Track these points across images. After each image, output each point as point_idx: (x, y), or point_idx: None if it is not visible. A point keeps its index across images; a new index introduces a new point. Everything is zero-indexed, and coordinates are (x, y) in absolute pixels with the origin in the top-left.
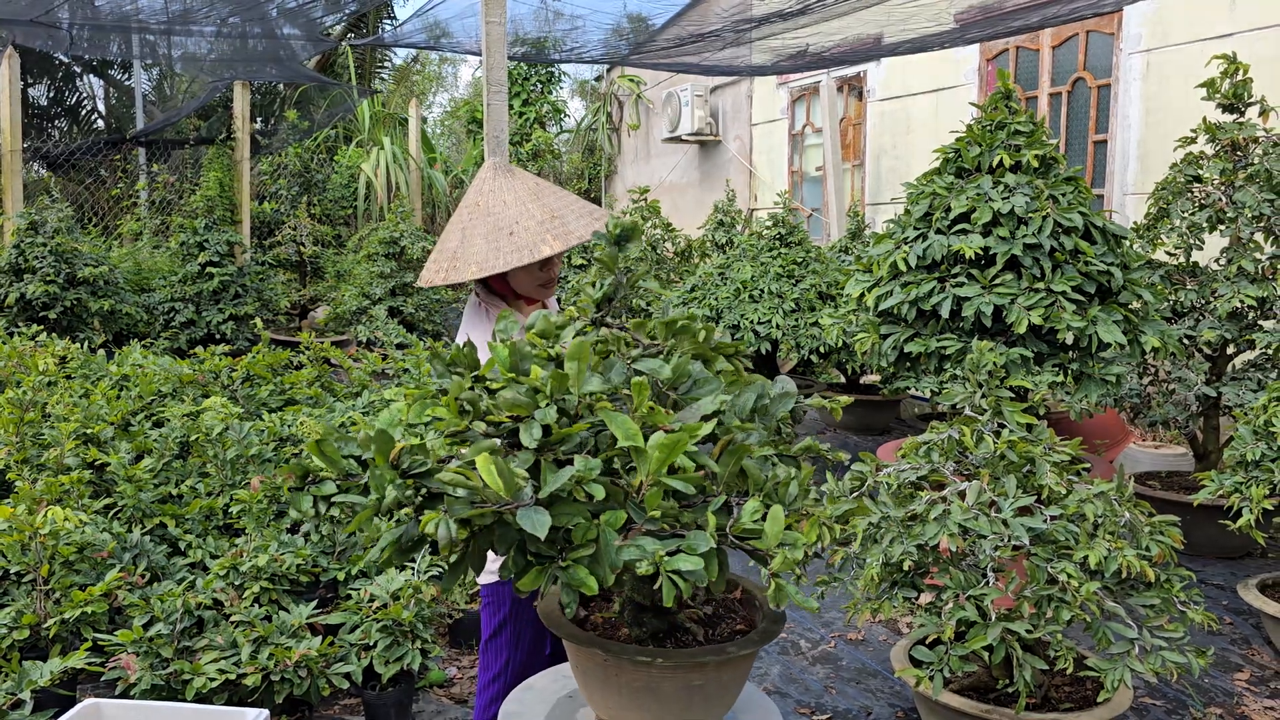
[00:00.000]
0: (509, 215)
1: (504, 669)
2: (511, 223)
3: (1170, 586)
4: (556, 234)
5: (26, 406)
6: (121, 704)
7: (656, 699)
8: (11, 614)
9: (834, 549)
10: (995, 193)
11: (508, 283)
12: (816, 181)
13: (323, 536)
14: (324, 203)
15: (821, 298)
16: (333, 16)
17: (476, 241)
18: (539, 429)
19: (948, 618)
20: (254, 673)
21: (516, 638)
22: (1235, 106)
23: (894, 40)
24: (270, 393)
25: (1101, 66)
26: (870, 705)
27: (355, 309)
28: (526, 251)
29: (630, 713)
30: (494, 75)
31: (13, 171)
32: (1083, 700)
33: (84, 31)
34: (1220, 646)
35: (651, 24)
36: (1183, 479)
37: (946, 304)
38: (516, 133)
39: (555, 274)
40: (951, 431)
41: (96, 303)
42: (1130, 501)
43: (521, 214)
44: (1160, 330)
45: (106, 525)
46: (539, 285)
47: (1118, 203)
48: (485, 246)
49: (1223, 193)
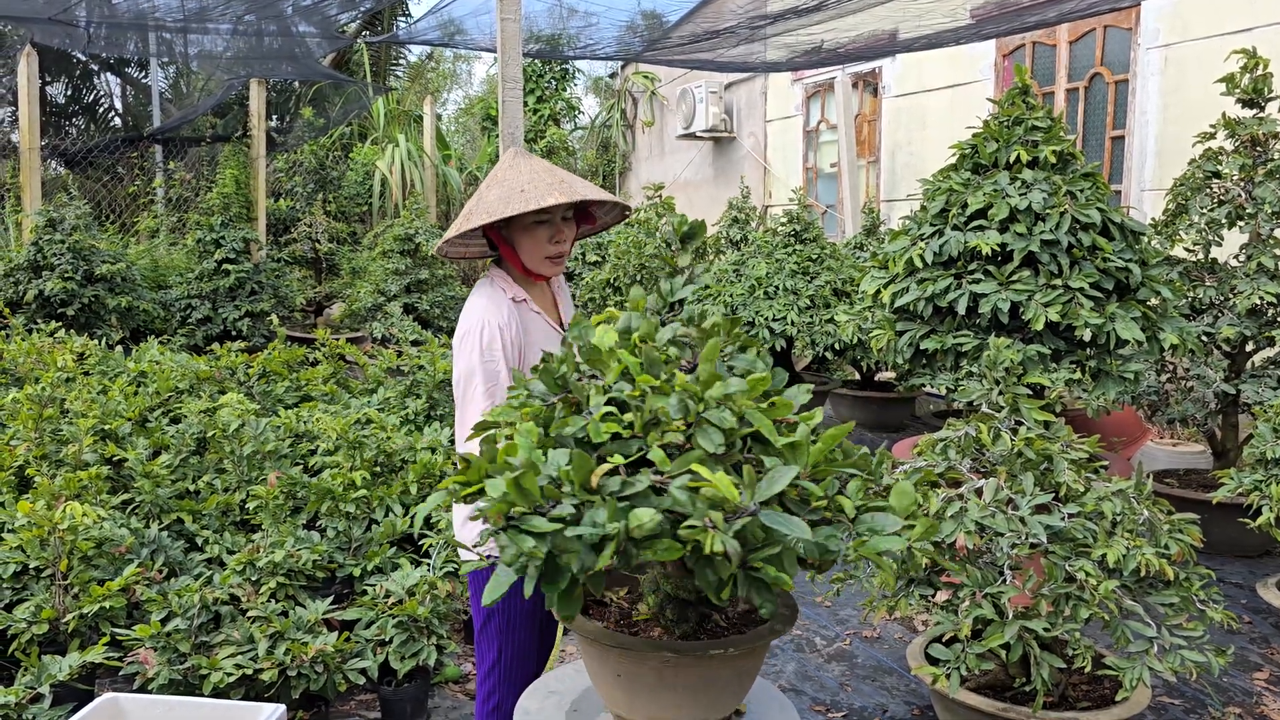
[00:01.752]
0: (522, 179)
1: (499, 659)
2: (524, 183)
3: (1189, 585)
4: (563, 191)
5: (45, 403)
6: (139, 698)
7: (674, 693)
8: (31, 608)
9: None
10: (1012, 189)
11: (518, 255)
12: (831, 178)
13: (339, 532)
14: (339, 200)
15: (836, 294)
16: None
17: (489, 198)
18: (719, 435)
19: (965, 616)
20: (271, 668)
21: (508, 625)
22: (1255, 101)
23: (909, 36)
24: (286, 389)
25: (1119, 62)
26: (886, 703)
27: (370, 306)
28: (534, 200)
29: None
30: (509, 72)
31: (31, 169)
32: (1101, 699)
33: (101, 29)
34: (1239, 645)
35: (665, 20)
36: (1201, 477)
37: (963, 301)
38: (531, 129)
39: (565, 250)
40: (969, 429)
41: (114, 299)
42: (1149, 499)
43: (533, 178)
44: (1179, 327)
45: (124, 521)
46: (547, 258)
47: (1136, 199)
48: (496, 201)
49: (1242, 188)
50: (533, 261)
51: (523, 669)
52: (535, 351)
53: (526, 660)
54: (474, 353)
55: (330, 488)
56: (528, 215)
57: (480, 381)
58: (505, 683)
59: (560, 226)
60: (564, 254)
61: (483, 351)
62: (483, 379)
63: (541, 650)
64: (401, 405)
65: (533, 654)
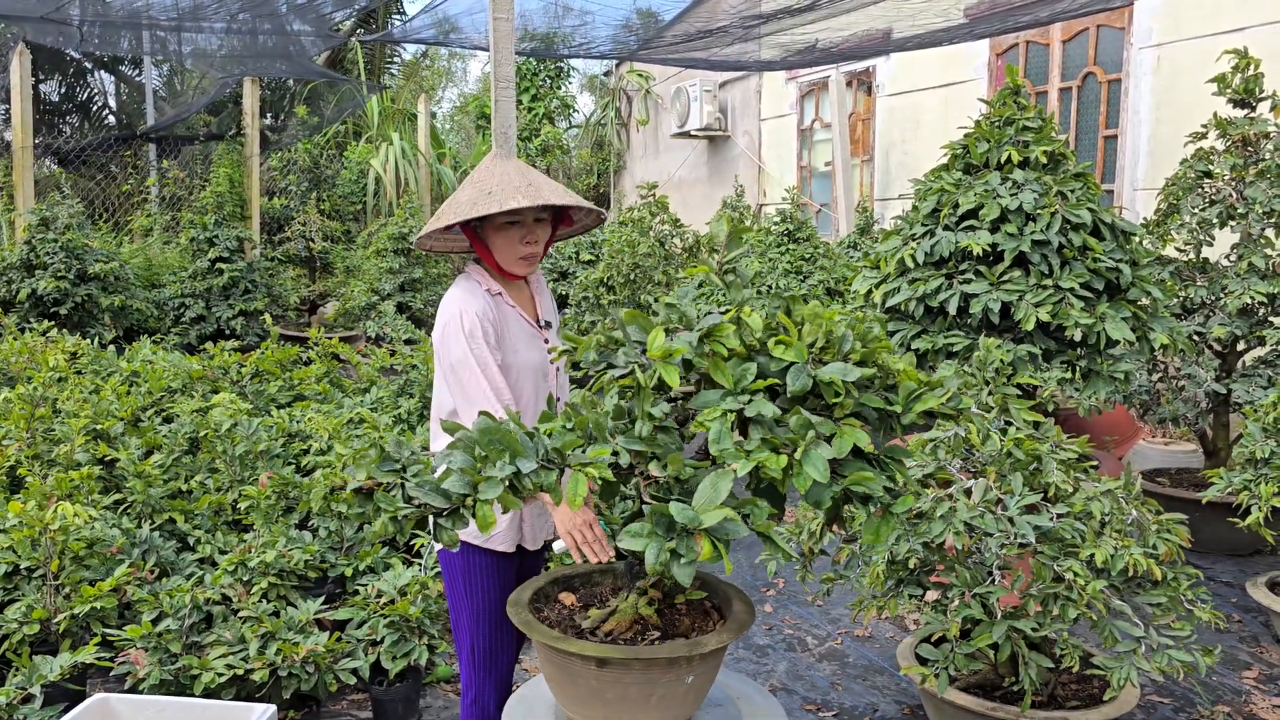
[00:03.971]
0: (492, 181)
1: (472, 652)
2: (493, 185)
3: (1177, 585)
4: (528, 195)
5: (37, 402)
6: (130, 699)
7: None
8: (22, 609)
9: (840, 546)
10: (1004, 189)
11: (492, 254)
12: (825, 177)
13: (330, 532)
14: (333, 198)
15: (829, 293)
16: (342, 12)
17: (460, 199)
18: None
19: (953, 615)
20: (262, 668)
21: (476, 618)
22: (1246, 101)
23: (903, 35)
24: (279, 388)
25: (1112, 61)
26: (876, 702)
27: (364, 304)
28: (498, 203)
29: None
30: (501, 72)
31: (24, 168)
32: (1089, 698)
33: (95, 28)
34: (1229, 644)
35: (660, 18)
36: (1192, 476)
37: (954, 301)
38: (525, 128)
39: (537, 251)
40: (958, 429)
41: (107, 298)
42: (1138, 499)
43: (504, 181)
44: (1169, 327)
45: (116, 521)
46: (520, 258)
47: (1128, 198)
48: (465, 202)
49: (1233, 188)
50: (505, 260)
51: (495, 661)
52: (512, 346)
53: (499, 652)
54: (459, 339)
55: (334, 484)
56: (499, 216)
57: (475, 365)
58: (479, 674)
59: (532, 228)
60: (536, 254)
61: (468, 337)
62: (476, 362)
63: (514, 643)
64: (394, 405)
65: (505, 647)
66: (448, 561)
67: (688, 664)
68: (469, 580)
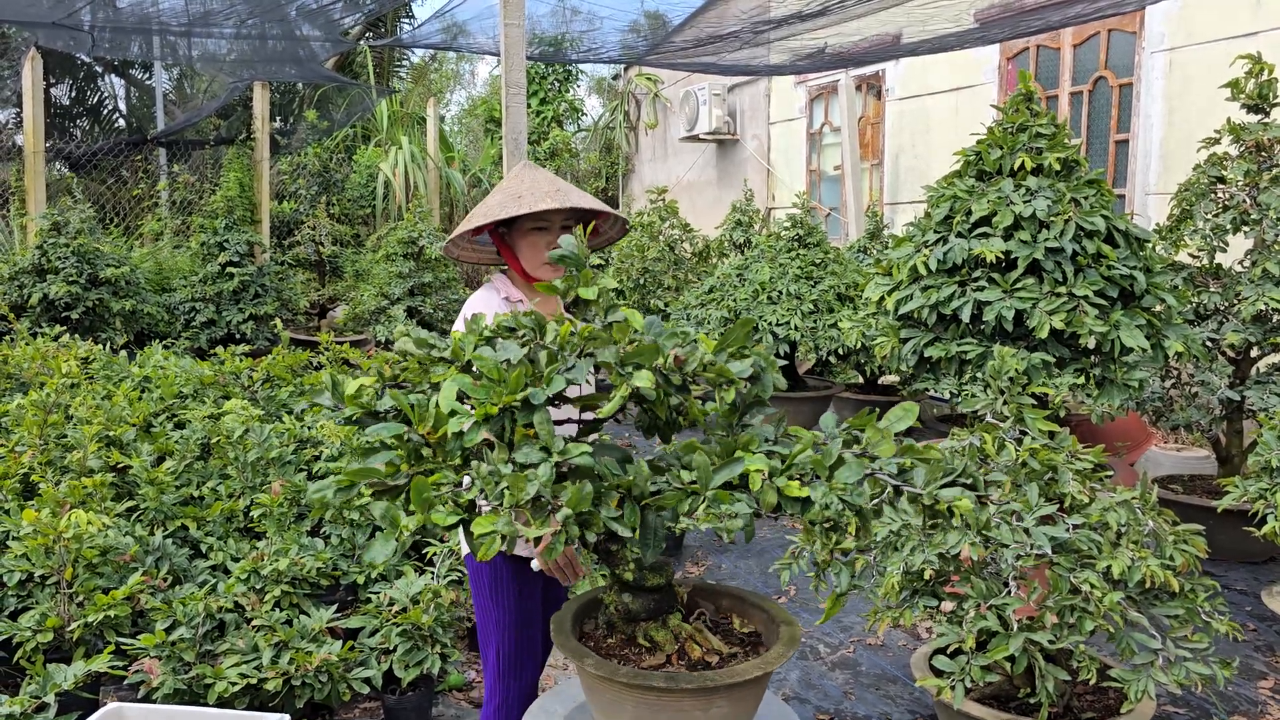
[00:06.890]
0: (522, 187)
1: (498, 656)
2: (522, 190)
3: (1194, 596)
4: (555, 199)
5: (50, 409)
6: (144, 708)
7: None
8: (36, 617)
9: (855, 555)
10: (1017, 196)
11: (519, 261)
12: (835, 181)
13: (342, 540)
14: (343, 202)
15: (840, 299)
16: (352, 17)
17: (490, 203)
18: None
19: (969, 627)
20: (275, 677)
21: (503, 622)
22: (1260, 107)
23: (913, 40)
24: (290, 394)
25: (1123, 65)
26: (889, 712)
27: (374, 309)
28: (528, 205)
29: None
30: (512, 77)
31: (36, 172)
32: (1105, 709)
33: (105, 33)
34: (1244, 654)
35: (669, 21)
36: (1205, 482)
37: (967, 308)
38: (534, 131)
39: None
40: (973, 439)
41: (118, 303)
42: (1154, 510)
43: (533, 186)
44: (1183, 334)
45: (129, 528)
46: (545, 264)
47: (1139, 203)
48: (495, 205)
49: (1247, 194)
50: (532, 267)
51: (521, 667)
52: None
53: (525, 658)
54: None
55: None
56: (526, 223)
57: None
58: (505, 680)
59: (558, 235)
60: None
61: None
62: None
63: (542, 648)
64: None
65: (532, 652)
66: (476, 568)
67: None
68: (497, 586)
